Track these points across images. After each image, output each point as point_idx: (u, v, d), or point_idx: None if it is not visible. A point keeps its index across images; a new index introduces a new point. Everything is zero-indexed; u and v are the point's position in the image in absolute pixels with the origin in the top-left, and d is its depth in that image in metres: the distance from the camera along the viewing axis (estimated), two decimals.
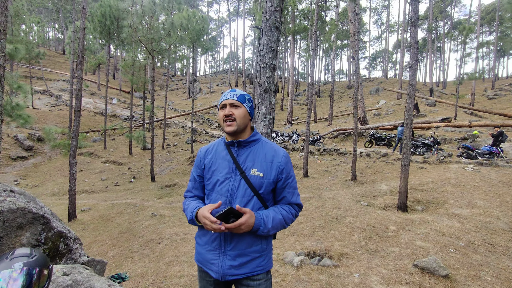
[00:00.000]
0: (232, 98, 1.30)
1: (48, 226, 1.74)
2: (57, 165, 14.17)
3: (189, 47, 20.07)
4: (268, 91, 1.98)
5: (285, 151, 1.37)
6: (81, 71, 7.31)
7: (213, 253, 1.26)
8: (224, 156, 1.33)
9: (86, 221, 6.89)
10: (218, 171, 1.30)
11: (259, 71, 1.99)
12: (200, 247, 1.32)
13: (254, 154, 1.31)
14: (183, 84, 41.45)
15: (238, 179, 1.26)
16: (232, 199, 1.26)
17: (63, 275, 1.26)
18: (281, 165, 1.30)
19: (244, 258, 1.23)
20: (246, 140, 1.32)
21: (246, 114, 1.32)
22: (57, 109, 21.83)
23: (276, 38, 1.96)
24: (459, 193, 6.14)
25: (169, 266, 3.69)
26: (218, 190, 1.29)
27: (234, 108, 1.29)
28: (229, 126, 1.28)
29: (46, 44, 44.88)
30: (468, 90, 28.06)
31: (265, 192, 1.27)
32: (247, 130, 1.35)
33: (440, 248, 3.67)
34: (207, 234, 1.28)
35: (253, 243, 1.25)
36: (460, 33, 18.13)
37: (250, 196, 1.25)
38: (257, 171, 1.27)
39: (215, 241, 1.26)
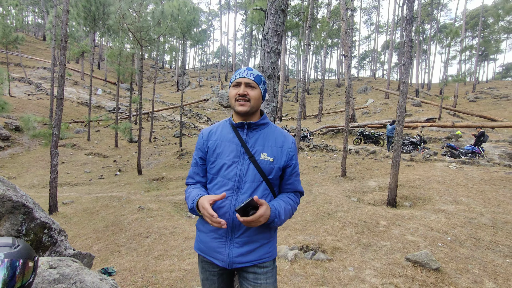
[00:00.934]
0: (248, 77, 1.21)
1: (30, 216, 1.58)
2: (37, 156, 13.50)
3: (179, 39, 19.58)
4: (272, 77, 1.90)
5: (293, 138, 1.33)
6: (64, 56, 6.91)
7: (219, 240, 1.18)
8: (231, 139, 1.24)
9: (69, 214, 6.58)
10: (224, 154, 1.22)
11: (263, 56, 1.90)
12: (204, 235, 1.23)
13: (263, 138, 1.24)
14: (172, 77, 40.53)
15: (247, 163, 1.19)
16: (240, 184, 1.18)
17: (49, 268, 1.13)
18: (291, 151, 1.25)
19: (252, 245, 1.17)
20: (256, 122, 1.25)
21: (260, 96, 1.25)
22: (37, 98, 20.76)
23: (282, 21, 1.87)
24: (445, 190, 6.32)
25: (159, 260, 3.56)
26: (224, 174, 1.20)
27: (250, 89, 1.21)
28: (242, 106, 1.19)
29: (25, 29, 42.56)
30: (451, 92, 29.07)
31: (274, 177, 1.22)
32: (257, 113, 1.28)
33: (429, 242, 3.74)
34: None
35: (261, 229, 1.19)
36: (447, 36, 18.66)
37: (259, 181, 1.19)
38: (267, 155, 1.20)
39: (221, 228, 1.17)
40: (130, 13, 12.29)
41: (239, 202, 1.16)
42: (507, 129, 14.65)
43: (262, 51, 1.95)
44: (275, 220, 1.13)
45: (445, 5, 39.48)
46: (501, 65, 50.49)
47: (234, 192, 1.17)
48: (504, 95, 25.82)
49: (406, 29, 5.41)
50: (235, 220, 1.15)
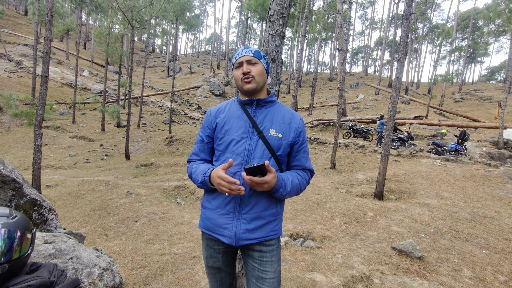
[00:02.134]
0: (248, 54, 1.21)
1: (20, 192, 1.52)
2: (17, 137, 12.95)
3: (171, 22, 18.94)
4: (276, 60, 1.86)
5: (301, 115, 1.33)
6: (50, 32, 6.54)
7: (226, 217, 1.17)
8: (239, 115, 1.24)
9: (53, 197, 6.40)
10: (232, 130, 1.21)
11: (267, 39, 1.86)
12: (210, 211, 1.22)
13: (272, 115, 1.24)
14: (162, 62, 39.41)
15: (256, 139, 1.19)
16: (249, 159, 1.18)
17: (45, 243, 1.09)
18: (299, 127, 1.27)
19: (259, 221, 1.17)
20: (265, 99, 1.25)
21: (264, 71, 1.24)
22: (17, 76, 19.71)
23: (288, 4, 1.83)
24: (429, 185, 6.56)
25: (148, 244, 3.54)
26: (233, 150, 1.19)
27: (252, 65, 1.21)
28: (248, 84, 1.19)
29: (5, 1, 39.94)
30: (438, 91, 29.83)
31: (282, 154, 1.22)
32: (264, 90, 1.28)
33: (413, 233, 3.90)
34: (219, 197, 1.19)
35: (269, 206, 1.20)
36: (438, 35, 18.96)
37: (268, 157, 1.19)
38: (275, 131, 1.21)
39: (229, 204, 1.17)
40: None
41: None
42: (488, 129, 15.27)
43: (267, 33, 1.91)
44: (280, 189, 1.13)
45: (438, 5, 39.96)
46: (487, 68, 52.12)
47: (242, 168, 1.17)
48: (487, 97, 26.76)
49: (403, 24, 5.44)
50: (244, 196, 1.15)
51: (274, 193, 1.14)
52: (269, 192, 1.14)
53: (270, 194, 1.18)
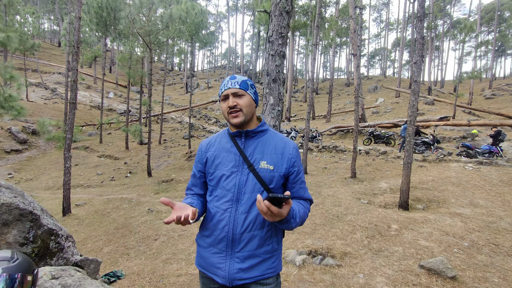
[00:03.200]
0: (233, 86, 1.16)
1: (37, 223, 1.60)
2: (52, 158, 13.93)
3: (187, 41, 19.78)
4: (277, 80, 1.85)
5: (295, 143, 1.26)
6: (77, 62, 7.09)
7: (219, 256, 1.13)
8: (229, 149, 1.20)
9: (81, 216, 6.73)
10: (222, 165, 1.18)
11: (268, 59, 1.86)
12: (203, 249, 1.19)
13: (262, 145, 1.19)
14: (181, 79, 41.03)
15: (246, 172, 1.15)
16: (239, 194, 1.14)
17: (52, 278, 1.13)
18: (292, 157, 1.19)
19: (254, 260, 1.12)
20: (254, 130, 1.20)
21: (252, 102, 1.19)
22: (52, 102, 21.43)
23: (287, 23, 1.83)
24: (460, 192, 6.09)
25: (166, 264, 3.57)
26: (223, 185, 1.16)
27: (238, 98, 1.16)
28: (236, 118, 1.15)
29: (41, 36, 44.04)
30: (466, 89, 28.14)
31: (275, 186, 1.16)
32: (254, 120, 1.23)
33: (444, 248, 3.60)
34: (212, 235, 1.16)
35: (263, 243, 1.14)
36: (461, 31, 18.07)
37: (259, 191, 1.14)
38: (266, 163, 1.15)
39: (221, 243, 1.13)
40: (139, 18, 12.51)
41: (239, 213, 1.12)
42: None
43: (267, 54, 1.92)
44: (291, 220, 1.06)
45: (458, 0, 38.29)
46: None
47: (233, 204, 1.13)
48: None
49: (417, 26, 5.25)
50: (235, 234, 1.11)
51: (284, 224, 1.06)
52: (276, 222, 1.05)
53: (263, 231, 1.13)
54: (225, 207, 1.14)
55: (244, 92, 1.17)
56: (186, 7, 14.31)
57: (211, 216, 1.18)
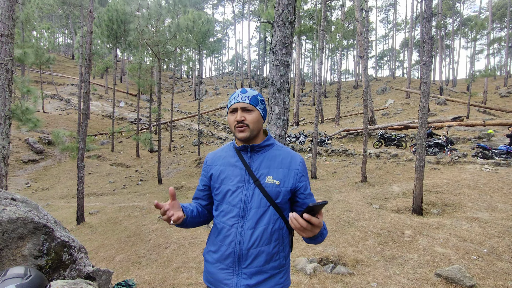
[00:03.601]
0: (243, 101, 1.15)
1: (51, 235, 1.64)
2: (67, 167, 14.33)
3: (195, 49, 20.14)
4: (282, 90, 1.86)
5: (301, 157, 1.25)
6: (89, 74, 7.33)
7: (226, 272, 1.13)
8: (234, 163, 1.20)
9: (94, 224, 6.87)
10: (228, 180, 1.18)
11: (272, 69, 1.87)
12: (211, 265, 1.18)
13: (268, 160, 1.18)
14: (189, 87, 41.68)
15: (252, 187, 1.14)
16: (246, 210, 1.13)
17: None
18: (299, 172, 1.18)
19: (261, 276, 1.11)
20: (260, 144, 1.20)
21: (260, 118, 1.19)
22: (67, 113, 22.16)
23: (290, 33, 1.84)
24: (477, 195, 5.88)
25: (177, 273, 3.58)
26: (229, 201, 1.16)
27: (247, 113, 1.15)
28: (242, 133, 1.15)
29: (56, 49, 45.80)
30: (479, 88, 27.35)
31: (282, 201, 1.15)
32: (260, 134, 1.23)
33: (462, 255, 3.46)
34: (219, 250, 1.16)
35: (270, 258, 1.13)
36: (471, 29, 17.65)
37: (266, 206, 1.13)
38: (272, 178, 1.14)
39: (228, 259, 1.13)
40: (148, 29, 12.85)
41: (245, 229, 1.12)
42: None
43: (271, 64, 1.93)
44: (324, 232, 1.05)
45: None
46: None
47: (239, 219, 1.13)
48: None
49: (425, 27, 5.17)
50: (242, 249, 1.11)
51: (317, 238, 1.02)
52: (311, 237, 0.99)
53: (270, 246, 1.12)
54: (231, 222, 1.14)
55: (254, 108, 1.16)
56: (193, 17, 14.62)
57: (217, 232, 1.18)
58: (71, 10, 37.22)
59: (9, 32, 3.89)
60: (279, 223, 1.15)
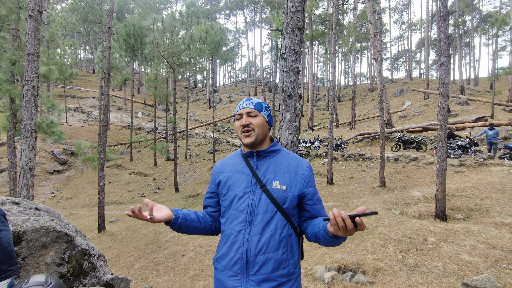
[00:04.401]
0: (248, 106, 1.21)
1: (72, 244, 1.71)
2: (88, 177, 14.93)
3: (208, 59, 20.63)
4: (293, 96, 1.86)
5: (308, 162, 1.26)
6: (108, 87, 7.67)
7: (234, 279, 1.12)
8: (241, 169, 1.22)
9: (115, 232, 7.07)
10: (235, 186, 1.20)
11: (282, 76, 1.88)
12: (220, 273, 1.18)
13: (275, 165, 1.20)
14: (204, 95, 42.54)
15: (259, 193, 1.15)
16: (252, 215, 1.13)
17: None
18: (306, 177, 1.18)
19: (270, 284, 1.09)
20: (266, 150, 1.22)
21: (265, 123, 1.23)
22: (88, 125, 23.21)
23: (299, 39, 1.85)
24: (506, 199, 5.52)
25: (194, 281, 3.60)
26: (236, 206, 1.17)
27: (252, 118, 1.20)
28: (248, 137, 1.19)
29: (78, 64, 48.40)
30: (503, 86, 25.98)
31: (289, 207, 1.14)
32: (266, 140, 1.26)
33: (491, 264, 3.25)
34: (226, 257, 1.15)
35: (278, 266, 1.11)
36: (492, 25, 16.93)
37: (273, 211, 1.13)
38: (279, 183, 1.15)
39: (236, 265, 1.12)
40: (163, 41, 13.33)
41: (252, 235, 1.11)
42: None
43: (281, 71, 1.94)
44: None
45: None
46: None
47: (247, 225, 1.13)
48: None
49: (441, 26, 5.02)
50: (250, 255, 1.10)
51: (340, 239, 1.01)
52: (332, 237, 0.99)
53: (278, 253, 1.10)
54: (238, 228, 1.14)
55: (258, 113, 1.21)
56: (206, 27, 15.02)
57: (226, 238, 1.19)
58: (92, 27, 39.33)
59: (35, 51, 4.16)
60: (287, 229, 1.14)
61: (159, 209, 1.13)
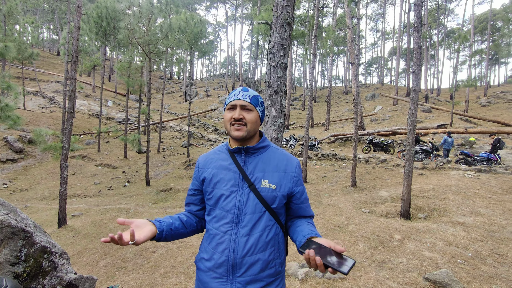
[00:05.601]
0: (244, 99, 1.11)
1: (30, 241, 1.53)
2: (48, 168, 13.77)
3: (186, 50, 19.96)
4: (279, 92, 1.83)
5: (297, 159, 1.21)
6: (75, 71, 7.08)
7: (219, 281, 1.06)
8: (228, 166, 1.15)
9: (77, 228, 6.59)
10: (221, 184, 1.12)
11: (270, 71, 1.84)
12: (203, 274, 1.11)
13: (264, 163, 1.14)
14: (180, 88, 41.23)
15: (246, 192, 1.09)
16: (240, 216, 1.07)
17: None
18: (295, 176, 1.14)
19: (256, 285, 1.05)
20: (254, 146, 1.15)
21: (258, 119, 1.15)
22: (50, 111, 21.37)
23: (288, 35, 1.82)
24: (461, 200, 6.05)
25: (165, 278, 3.47)
26: (222, 206, 1.10)
27: (246, 112, 1.11)
28: (238, 131, 1.10)
29: (40, 45, 44.31)
30: (461, 97, 28.47)
31: (278, 206, 1.10)
32: (256, 136, 1.18)
33: (448, 259, 3.53)
34: (212, 258, 1.09)
35: (266, 266, 1.07)
36: (455, 41, 18.39)
37: (261, 211, 1.08)
38: (268, 182, 1.10)
39: (221, 267, 1.06)
40: (139, 28, 12.62)
41: (239, 236, 1.06)
42: None
43: (268, 66, 1.89)
44: None
45: (451, 11, 39.20)
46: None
47: (233, 226, 1.07)
48: None
49: (414, 36, 5.31)
50: (236, 258, 1.05)
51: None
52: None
53: (266, 254, 1.07)
54: (224, 229, 1.08)
55: (253, 108, 1.13)
56: (186, 17, 14.49)
57: (210, 238, 1.12)
58: (57, 4, 36.18)
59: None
60: (275, 229, 1.11)
61: (139, 227, 1.00)
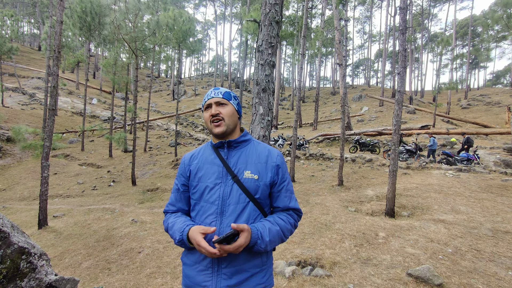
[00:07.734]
0: (217, 96, 1.17)
1: (7, 241, 1.47)
2: (28, 167, 13.22)
3: (174, 48, 19.68)
4: (267, 90, 1.84)
5: (279, 151, 1.25)
6: (57, 67, 6.82)
7: (205, 273, 1.07)
8: (212, 160, 1.17)
9: (59, 229, 6.36)
10: (206, 177, 1.14)
11: (258, 68, 1.84)
12: (189, 268, 1.12)
13: (246, 155, 1.17)
14: (167, 86, 40.59)
15: (230, 184, 1.11)
16: (224, 207, 1.09)
17: None
18: (275, 165, 1.17)
19: (242, 275, 1.07)
20: (236, 140, 1.18)
21: (234, 112, 1.19)
22: (30, 108, 20.52)
23: (276, 33, 1.83)
24: (442, 198, 6.27)
25: (151, 279, 3.40)
26: (207, 198, 1.12)
27: (221, 107, 1.16)
28: (218, 127, 1.14)
29: (21, 39, 42.49)
30: (444, 99, 29.54)
31: (262, 196, 1.13)
32: (237, 131, 1.22)
33: (430, 255, 3.65)
34: (196, 252, 1.10)
35: (251, 257, 1.09)
36: (438, 44, 19.06)
37: (245, 202, 1.10)
38: (251, 173, 1.13)
39: (206, 259, 1.07)
40: (125, 24, 12.31)
41: (224, 226, 1.07)
42: (500, 135, 14.84)
43: (256, 64, 1.89)
44: (258, 242, 1.03)
45: (435, 15, 40.59)
46: (491, 72, 51.72)
47: (218, 217, 1.08)
48: (495, 101, 26.30)
49: (400, 38, 5.46)
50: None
51: (252, 247, 1.04)
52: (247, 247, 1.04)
53: (249, 247, 1.07)
54: (209, 221, 1.09)
55: (227, 102, 1.17)
56: (174, 15, 14.27)
57: None
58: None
59: None
60: (259, 219, 1.12)
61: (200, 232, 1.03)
